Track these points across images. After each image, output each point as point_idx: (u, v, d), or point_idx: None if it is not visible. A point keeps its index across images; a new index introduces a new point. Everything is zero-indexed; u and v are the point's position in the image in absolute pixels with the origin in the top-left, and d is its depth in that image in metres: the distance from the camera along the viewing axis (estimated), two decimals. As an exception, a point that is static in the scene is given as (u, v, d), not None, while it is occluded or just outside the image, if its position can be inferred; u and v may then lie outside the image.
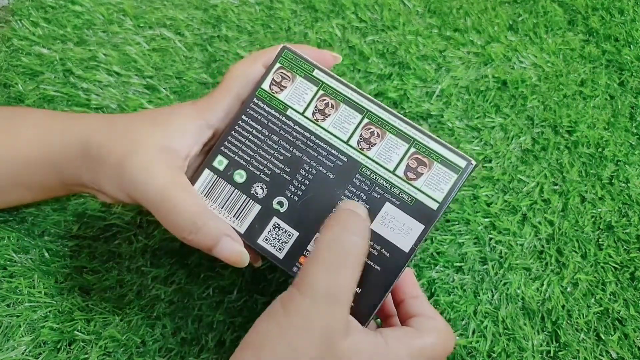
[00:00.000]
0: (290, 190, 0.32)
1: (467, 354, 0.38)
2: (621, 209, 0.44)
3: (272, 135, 0.33)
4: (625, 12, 0.53)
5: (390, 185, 0.31)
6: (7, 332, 0.38)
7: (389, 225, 0.31)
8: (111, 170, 0.32)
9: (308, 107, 0.33)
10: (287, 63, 0.33)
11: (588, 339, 0.39)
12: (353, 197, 0.31)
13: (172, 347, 0.38)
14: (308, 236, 0.31)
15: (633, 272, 0.41)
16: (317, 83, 0.33)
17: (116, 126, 0.34)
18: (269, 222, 0.32)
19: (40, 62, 0.49)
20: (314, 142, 0.32)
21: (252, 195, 0.32)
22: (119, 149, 0.32)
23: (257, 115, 0.33)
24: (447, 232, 0.43)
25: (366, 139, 0.32)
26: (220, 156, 0.33)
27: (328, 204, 0.31)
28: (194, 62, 0.50)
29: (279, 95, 0.33)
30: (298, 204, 0.32)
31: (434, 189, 0.31)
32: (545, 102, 0.48)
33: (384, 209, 0.31)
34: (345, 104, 0.32)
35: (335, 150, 0.32)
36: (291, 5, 0.53)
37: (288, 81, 0.33)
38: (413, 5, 0.53)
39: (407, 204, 0.31)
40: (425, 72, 0.49)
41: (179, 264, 0.41)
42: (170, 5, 0.53)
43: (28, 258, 0.40)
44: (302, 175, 0.32)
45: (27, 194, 0.38)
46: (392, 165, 0.31)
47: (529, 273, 0.41)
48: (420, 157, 0.31)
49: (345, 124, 0.32)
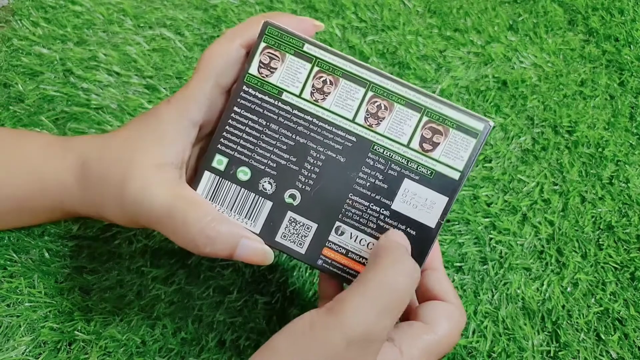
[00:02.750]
0: (300, 181, 0.30)
1: (467, 354, 0.38)
2: (621, 209, 0.44)
3: (270, 124, 0.30)
4: (626, 12, 0.53)
5: (406, 160, 0.29)
6: (7, 332, 0.38)
7: (411, 203, 0.29)
8: (112, 197, 0.31)
9: (305, 88, 0.30)
10: (272, 41, 0.30)
11: (588, 339, 0.39)
12: (369, 178, 0.29)
13: (173, 347, 0.38)
14: (328, 226, 0.30)
15: (633, 272, 0.41)
16: (310, 59, 0.29)
17: (110, 149, 0.32)
18: (284, 217, 0.30)
19: (40, 62, 0.49)
20: (318, 126, 0.30)
21: (261, 192, 0.30)
22: (116, 173, 0.31)
23: (249, 105, 0.30)
24: (447, 232, 0.43)
25: (373, 114, 0.29)
26: (219, 155, 0.31)
27: (343, 189, 0.29)
28: (194, 62, 0.50)
29: (270, 79, 0.30)
30: (311, 194, 0.30)
31: (453, 158, 0.29)
32: (545, 102, 0.48)
33: (403, 186, 0.29)
34: (344, 79, 0.29)
35: (342, 131, 0.29)
36: (291, 5, 0.53)
37: (277, 61, 0.30)
38: (413, 5, 0.53)
39: (427, 178, 0.29)
40: (425, 72, 0.49)
41: (179, 264, 0.41)
42: (170, 5, 0.53)
43: (28, 258, 0.40)
44: (310, 163, 0.30)
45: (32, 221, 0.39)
46: (405, 138, 0.29)
47: (529, 273, 0.41)
48: (434, 126, 0.29)
49: (348, 100, 0.29)
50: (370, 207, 0.29)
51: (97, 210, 0.33)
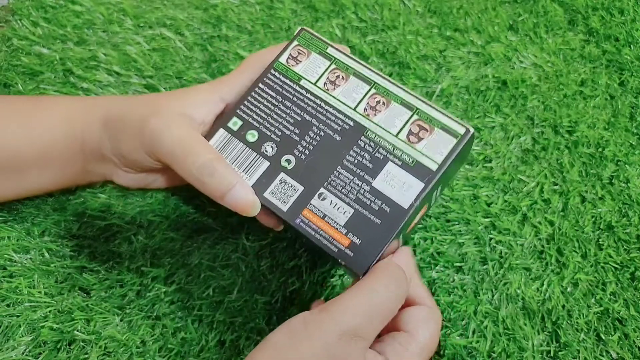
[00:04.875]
0: (298, 150, 0.34)
1: (467, 354, 0.38)
2: (621, 209, 0.44)
3: (285, 101, 0.35)
4: (626, 12, 0.53)
5: (392, 147, 0.33)
6: (7, 332, 0.38)
7: (390, 183, 0.32)
8: (132, 131, 0.35)
9: (320, 78, 0.35)
10: (304, 41, 0.36)
11: (588, 339, 0.39)
12: (357, 156, 0.33)
13: (173, 347, 0.38)
14: (312, 190, 0.33)
15: (633, 272, 0.41)
16: (330, 58, 0.35)
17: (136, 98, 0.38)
18: (276, 177, 0.33)
19: (40, 61, 0.49)
20: (324, 108, 0.34)
21: (262, 154, 0.34)
22: (140, 112, 0.35)
23: (272, 84, 0.35)
24: (447, 232, 0.43)
25: (372, 106, 0.34)
26: (235, 118, 0.35)
27: (333, 162, 0.33)
28: (194, 62, 0.50)
29: (295, 68, 0.35)
30: (305, 162, 0.33)
31: (434, 152, 0.32)
32: (545, 102, 0.48)
33: (386, 167, 0.32)
34: (354, 76, 0.35)
35: (343, 115, 0.34)
36: (291, 5, 0.53)
37: (304, 56, 0.35)
38: (413, 5, 0.53)
39: (408, 165, 0.32)
40: (425, 72, 0.49)
41: (179, 263, 0.41)
42: (170, 5, 0.53)
43: (28, 258, 0.40)
44: (310, 136, 0.34)
45: (49, 178, 0.40)
46: (395, 129, 0.33)
47: (529, 273, 0.41)
48: (422, 124, 0.33)
49: (353, 93, 0.34)
50: (353, 181, 0.33)
51: (117, 150, 0.37)
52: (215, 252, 0.42)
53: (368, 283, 0.30)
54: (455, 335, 0.39)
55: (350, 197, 0.32)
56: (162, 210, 0.43)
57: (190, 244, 0.42)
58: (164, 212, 0.43)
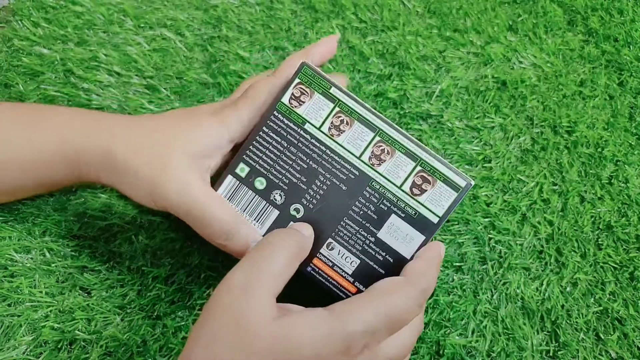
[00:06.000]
0: (306, 199, 0.35)
1: (467, 353, 0.38)
2: (620, 208, 0.44)
3: (290, 147, 0.35)
4: (625, 13, 0.53)
5: (397, 199, 0.34)
6: (7, 331, 0.38)
7: (394, 235, 0.34)
8: (141, 185, 0.34)
9: (324, 123, 0.35)
10: (305, 79, 0.35)
11: (587, 339, 0.39)
12: (363, 207, 0.34)
13: (173, 347, 0.38)
14: (321, 240, 0.34)
15: (632, 272, 0.41)
16: (333, 100, 0.35)
17: (142, 135, 0.34)
18: (286, 226, 0.35)
19: (41, 62, 0.49)
20: (329, 156, 0.35)
21: (272, 202, 0.35)
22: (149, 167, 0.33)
23: (277, 128, 0.35)
24: (447, 232, 0.43)
25: (377, 155, 0.34)
26: (242, 164, 0.35)
27: (339, 212, 0.34)
28: (194, 62, 0.50)
29: (298, 110, 0.35)
30: (312, 211, 0.35)
31: (435, 205, 0.34)
32: (544, 102, 0.49)
33: (390, 219, 0.34)
34: (359, 122, 0.35)
35: (348, 164, 0.35)
36: (291, 6, 0.53)
37: (306, 97, 0.35)
38: (413, 5, 0.53)
39: (411, 217, 0.34)
40: (425, 72, 0.49)
41: (180, 264, 0.41)
42: (171, 5, 0.53)
43: (29, 258, 0.40)
44: (317, 185, 0.35)
45: (44, 189, 0.39)
46: (399, 181, 0.34)
47: (529, 273, 0.41)
48: (425, 175, 0.34)
49: (358, 140, 0.34)
50: (359, 232, 0.34)
51: (119, 187, 0.35)
52: (216, 252, 0.42)
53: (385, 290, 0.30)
54: (454, 335, 0.39)
55: (357, 248, 0.34)
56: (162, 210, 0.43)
57: (190, 244, 0.42)
58: (164, 212, 0.43)
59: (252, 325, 0.27)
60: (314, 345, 0.27)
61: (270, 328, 0.27)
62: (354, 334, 0.27)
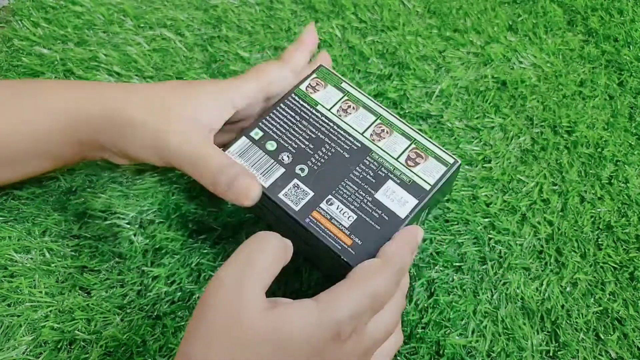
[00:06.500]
0: (311, 161, 0.38)
1: (467, 353, 0.38)
2: (620, 208, 0.44)
3: (302, 120, 0.40)
4: (625, 13, 0.53)
5: (393, 168, 0.38)
6: (7, 331, 0.38)
7: (390, 197, 0.37)
8: (145, 140, 0.36)
9: (334, 106, 0.40)
10: (321, 75, 0.42)
11: (587, 339, 0.39)
12: (362, 172, 0.38)
13: (173, 347, 0.38)
14: (322, 196, 0.37)
15: (632, 272, 0.41)
16: (343, 91, 0.41)
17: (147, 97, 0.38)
18: (290, 182, 0.37)
19: (41, 62, 0.49)
20: (336, 130, 0.39)
21: (279, 161, 0.38)
22: (152, 122, 0.36)
23: (292, 106, 0.40)
24: (447, 232, 0.43)
25: (377, 133, 0.39)
26: (257, 129, 0.39)
27: (341, 174, 0.38)
28: (194, 62, 0.50)
29: (313, 95, 0.41)
30: (316, 172, 0.38)
31: (427, 175, 0.38)
32: (544, 102, 0.49)
33: (386, 184, 0.37)
34: (363, 108, 0.40)
35: (352, 138, 0.39)
36: (291, 6, 0.53)
37: (321, 87, 0.41)
38: (413, 5, 0.53)
39: (406, 183, 0.37)
40: (425, 72, 0.49)
41: (180, 263, 0.41)
42: (171, 5, 0.53)
43: (29, 258, 0.40)
44: (322, 152, 0.38)
45: (44, 164, 0.40)
46: (396, 154, 0.38)
47: (529, 273, 0.41)
48: (418, 152, 0.39)
49: (362, 121, 0.40)
50: (358, 192, 0.37)
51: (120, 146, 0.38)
52: (216, 252, 0.42)
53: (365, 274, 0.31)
54: (454, 335, 0.39)
55: (355, 205, 0.37)
56: (162, 211, 0.43)
57: (190, 244, 0.42)
58: (164, 212, 0.43)
59: (246, 318, 0.28)
60: (305, 334, 0.28)
61: (263, 320, 0.28)
62: (342, 320, 0.28)
